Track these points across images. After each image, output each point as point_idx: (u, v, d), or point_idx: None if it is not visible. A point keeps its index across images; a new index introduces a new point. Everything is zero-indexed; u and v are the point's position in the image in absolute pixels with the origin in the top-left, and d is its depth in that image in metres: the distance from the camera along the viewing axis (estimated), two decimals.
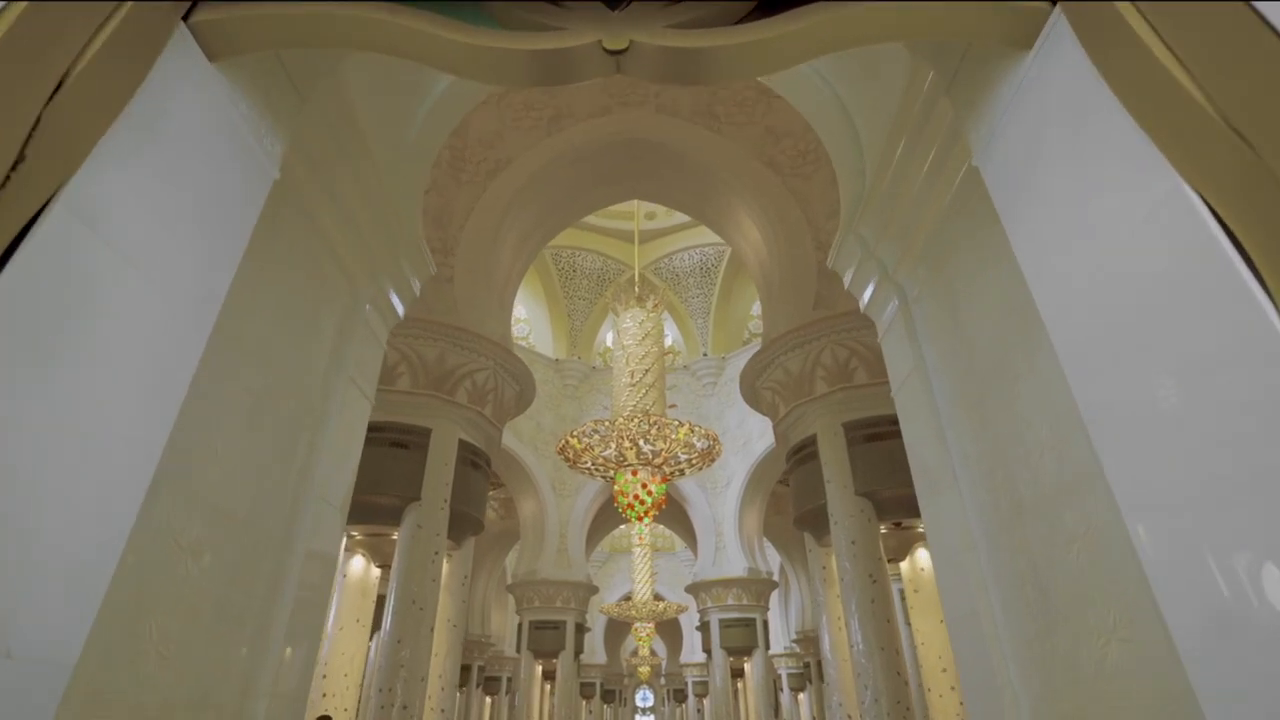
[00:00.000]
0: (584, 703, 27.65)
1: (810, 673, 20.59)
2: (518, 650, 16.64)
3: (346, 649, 7.27)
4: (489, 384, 7.86)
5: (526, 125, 10.16)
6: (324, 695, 6.95)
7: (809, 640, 20.35)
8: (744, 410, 18.75)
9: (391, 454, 7.09)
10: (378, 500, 6.99)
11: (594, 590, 17.19)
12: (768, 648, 17.13)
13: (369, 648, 8.35)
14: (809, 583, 20.77)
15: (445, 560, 7.65)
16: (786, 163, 9.67)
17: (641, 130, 10.15)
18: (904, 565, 7.86)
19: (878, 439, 7.07)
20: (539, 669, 16.80)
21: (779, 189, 9.39)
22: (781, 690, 22.43)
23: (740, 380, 8.61)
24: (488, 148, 9.91)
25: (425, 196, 9.50)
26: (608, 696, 32.23)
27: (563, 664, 15.82)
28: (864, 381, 7.29)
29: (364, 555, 7.75)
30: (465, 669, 20.09)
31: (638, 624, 21.30)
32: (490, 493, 21.50)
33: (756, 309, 20.56)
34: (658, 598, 21.75)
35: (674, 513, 20.46)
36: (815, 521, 7.48)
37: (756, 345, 9.06)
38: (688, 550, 26.01)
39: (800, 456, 7.68)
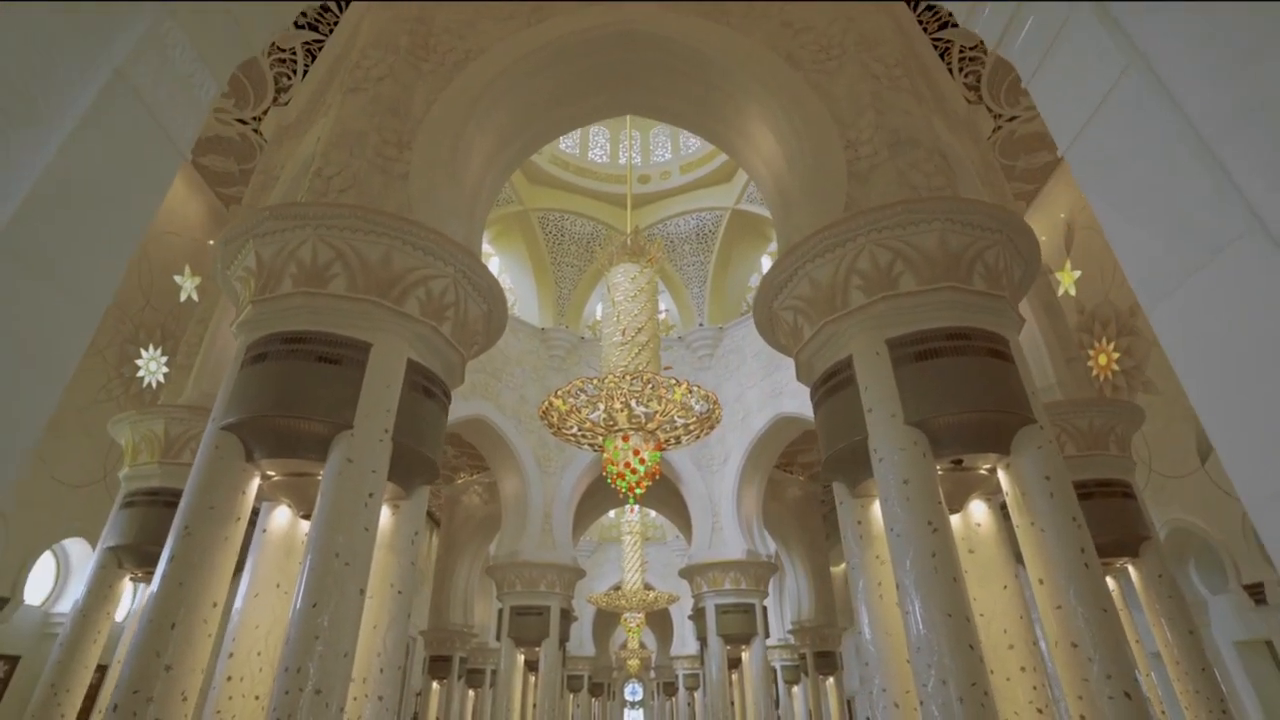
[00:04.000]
0: (571, 696, 26.31)
1: (806, 665, 19.40)
2: (497, 638, 15.14)
3: (262, 621, 5.72)
4: (449, 296, 6.34)
5: (504, 15, 8.65)
6: (228, 679, 5.44)
7: (806, 630, 19.11)
8: (743, 383, 17.35)
9: (318, 370, 5.56)
10: (300, 426, 5.44)
11: (580, 574, 15.73)
12: (767, 635, 15.75)
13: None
14: (811, 565, 19.48)
15: (391, 511, 6.15)
16: (808, 58, 8.23)
17: (637, 22, 8.66)
18: (954, 520, 6.43)
19: (931, 356, 5.65)
20: (520, 658, 15.33)
21: (800, 85, 7.94)
22: (776, 683, 21.26)
23: (754, 306, 7.16)
24: (457, 38, 8.39)
25: (379, 84, 8.05)
26: (596, 690, 30.94)
27: (546, 653, 14.33)
28: (912, 288, 5.85)
29: (289, 505, 6.22)
30: (446, 660, 18.71)
31: (627, 615, 20.01)
32: (473, 476, 20.16)
33: (755, 280, 19.14)
34: (648, 587, 20.52)
35: (667, 495, 19.23)
36: (849, 463, 6.02)
37: None
38: (679, 540, 24.68)
39: (830, 385, 6.22)
